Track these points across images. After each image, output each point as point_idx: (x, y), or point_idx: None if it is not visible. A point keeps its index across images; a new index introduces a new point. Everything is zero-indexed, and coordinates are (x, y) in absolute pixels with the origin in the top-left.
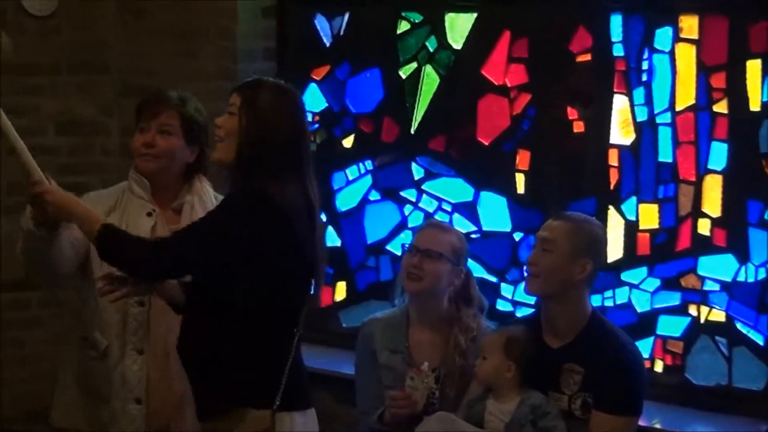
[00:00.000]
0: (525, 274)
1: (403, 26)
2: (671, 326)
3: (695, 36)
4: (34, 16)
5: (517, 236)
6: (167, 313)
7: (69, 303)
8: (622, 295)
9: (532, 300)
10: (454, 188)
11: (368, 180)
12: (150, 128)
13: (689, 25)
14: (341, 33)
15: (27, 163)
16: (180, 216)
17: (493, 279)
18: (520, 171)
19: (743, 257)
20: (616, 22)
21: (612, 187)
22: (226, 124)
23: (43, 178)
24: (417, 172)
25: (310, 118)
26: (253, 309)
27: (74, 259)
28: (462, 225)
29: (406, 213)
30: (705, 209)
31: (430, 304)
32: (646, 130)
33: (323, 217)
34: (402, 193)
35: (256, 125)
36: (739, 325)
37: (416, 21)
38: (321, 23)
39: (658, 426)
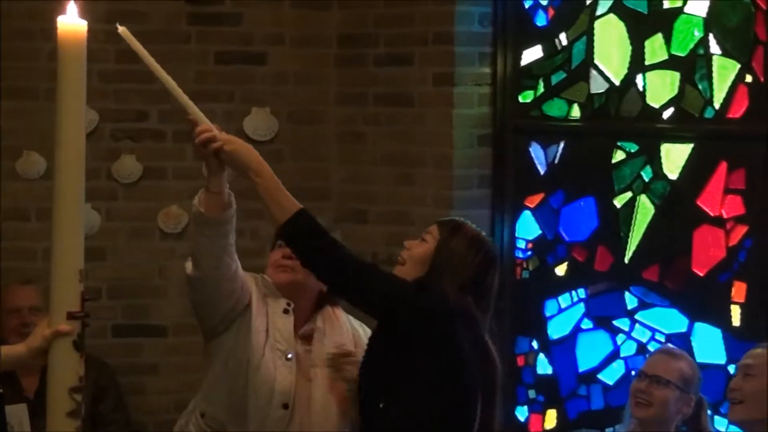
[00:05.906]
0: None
1: (619, 156)
2: None
3: None
4: (255, 140)
5: (732, 369)
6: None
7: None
8: None
9: None
10: (668, 319)
11: (581, 308)
12: None
13: None
14: (556, 161)
15: (188, 107)
16: (311, 344)
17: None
18: (735, 303)
19: None
20: None
21: None
22: (414, 248)
23: (211, 125)
24: (630, 301)
25: (523, 245)
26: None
27: (239, 291)
28: None
29: (619, 342)
30: None
31: None
32: None
33: (535, 345)
34: (615, 323)
35: (441, 264)
36: None
37: (632, 151)
38: (536, 151)
39: None
